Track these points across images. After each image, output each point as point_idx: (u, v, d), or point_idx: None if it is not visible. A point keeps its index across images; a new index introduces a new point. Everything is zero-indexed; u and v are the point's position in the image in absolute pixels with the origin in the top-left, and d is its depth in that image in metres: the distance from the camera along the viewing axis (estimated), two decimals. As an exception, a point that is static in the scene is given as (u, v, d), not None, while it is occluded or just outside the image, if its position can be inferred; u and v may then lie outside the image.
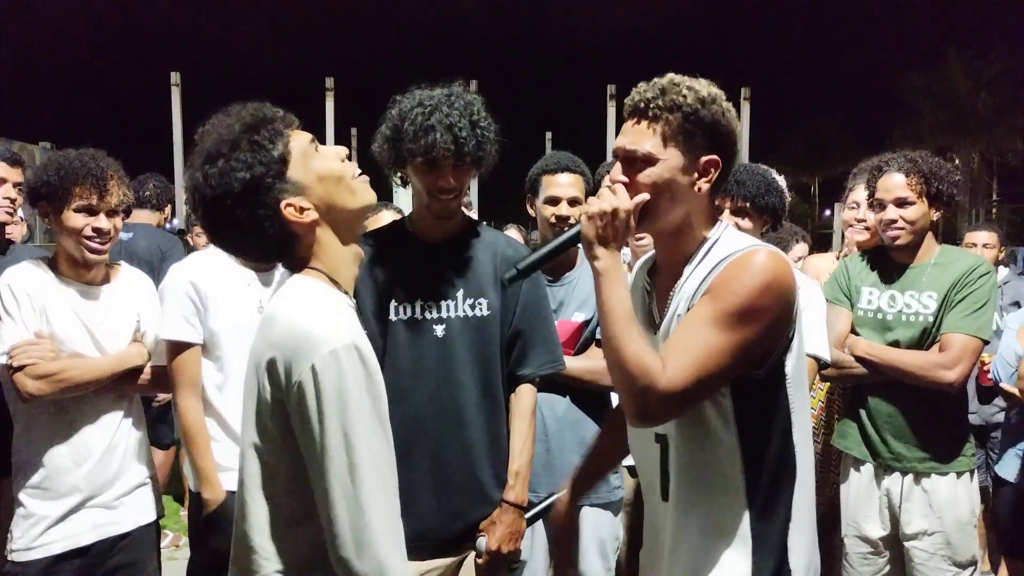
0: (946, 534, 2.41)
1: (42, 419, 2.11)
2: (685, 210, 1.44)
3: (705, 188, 1.44)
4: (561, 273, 2.56)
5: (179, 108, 7.51)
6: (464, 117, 1.85)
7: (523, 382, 2.03)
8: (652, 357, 1.32)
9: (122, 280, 2.30)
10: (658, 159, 1.40)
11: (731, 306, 1.32)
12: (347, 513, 1.20)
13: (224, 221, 1.31)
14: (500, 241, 2.06)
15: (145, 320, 2.28)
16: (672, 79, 1.44)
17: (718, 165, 1.43)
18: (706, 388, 1.34)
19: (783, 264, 1.37)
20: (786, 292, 1.36)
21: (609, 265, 1.40)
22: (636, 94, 1.45)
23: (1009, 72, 32.83)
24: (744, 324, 1.32)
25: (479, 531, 1.95)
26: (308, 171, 1.32)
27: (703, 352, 1.31)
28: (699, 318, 1.35)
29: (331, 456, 1.20)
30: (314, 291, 1.32)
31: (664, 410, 1.35)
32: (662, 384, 1.30)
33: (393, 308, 1.93)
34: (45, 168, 2.14)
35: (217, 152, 1.29)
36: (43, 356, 2.06)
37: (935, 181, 2.44)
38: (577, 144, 3.43)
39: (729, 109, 1.45)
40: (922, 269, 2.48)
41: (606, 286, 1.39)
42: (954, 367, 2.32)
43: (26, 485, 2.11)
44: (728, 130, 1.44)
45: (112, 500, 2.18)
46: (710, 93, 1.42)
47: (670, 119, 1.40)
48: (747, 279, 1.33)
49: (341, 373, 1.20)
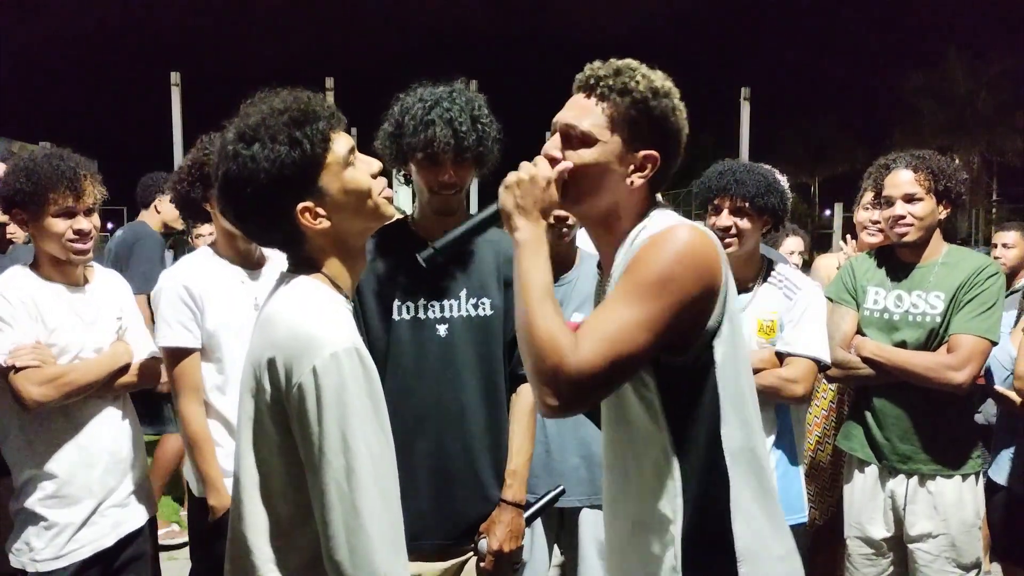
0: (951, 536, 2.40)
1: (46, 426, 2.09)
2: (613, 200, 1.37)
3: (638, 183, 1.36)
4: (560, 273, 2.55)
5: (179, 108, 7.49)
6: (465, 112, 1.85)
7: (524, 381, 2.02)
8: (565, 336, 1.24)
9: (99, 279, 2.28)
10: (596, 140, 1.34)
11: (642, 279, 1.25)
12: (342, 517, 1.19)
13: (237, 200, 1.29)
14: (504, 240, 2.04)
15: (126, 317, 2.29)
16: (628, 63, 1.37)
17: (656, 162, 1.36)
18: (619, 370, 1.24)
19: (704, 241, 1.28)
20: (704, 268, 1.26)
21: (529, 236, 1.32)
22: (588, 70, 1.38)
23: (1009, 72, 32.82)
24: (656, 297, 1.23)
25: (479, 533, 1.94)
26: (337, 181, 1.31)
27: (615, 328, 1.23)
28: (612, 296, 1.28)
29: (328, 459, 1.19)
30: (316, 293, 1.31)
31: (576, 395, 1.24)
32: (571, 362, 1.21)
33: (396, 307, 1.92)
34: (15, 175, 2.08)
35: (255, 135, 1.26)
36: (44, 359, 2.04)
37: (943, 179, 2.43)
38: (577, 144, 3.41)
39: (680, 108, 1.39)
40: (929, 269, 2.47)
41: (523, 258, 1.32)
42: (963, 368, 2.31)
43: (41, 496, 2.08)
44: (675, 128, 1.38)
45: (124, 498, 2.20)
46: (664, 86, 1.36)
47: (618, 102, 1.34)
48: (660, 252, 1.26)
49: (342, 376, 1.19)
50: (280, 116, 1.28)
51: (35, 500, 2.08)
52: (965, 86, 33.66)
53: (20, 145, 7.66)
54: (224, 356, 2.25)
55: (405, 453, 1.87)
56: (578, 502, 2.47)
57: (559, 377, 1.23)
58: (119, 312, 2.27)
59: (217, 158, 1.31)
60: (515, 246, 1.34)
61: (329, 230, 1.31)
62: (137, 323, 2.32)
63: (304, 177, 1.28)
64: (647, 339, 1.24)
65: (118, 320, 2.26)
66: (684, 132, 1.40)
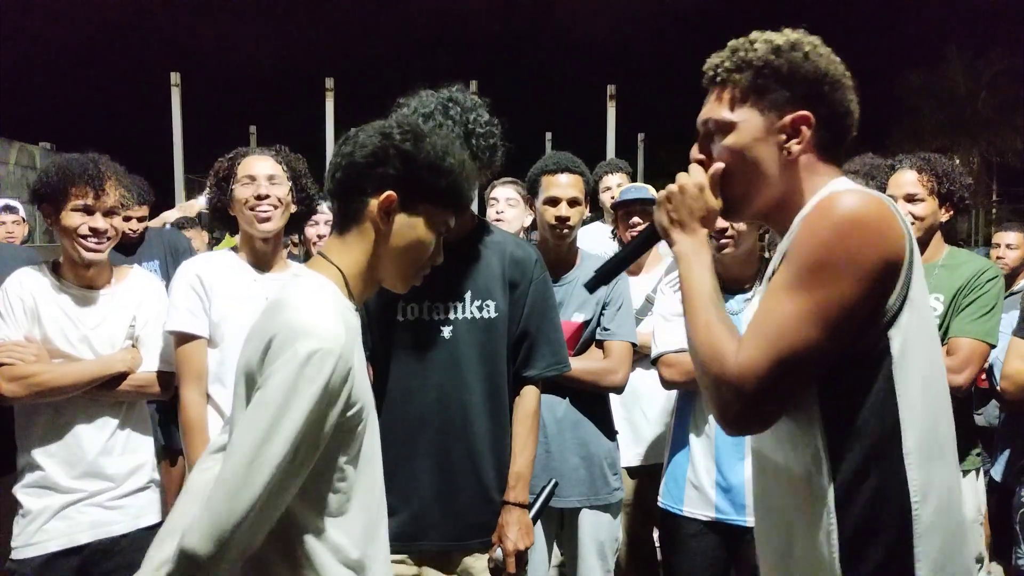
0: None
1: (39, 420, 2.13)
2: (778, 182, 1.21)
3: (798, 151, 1.19)
4: (560, 273, 2.55)
5: (179, 108, 7.50)
6: (459, 126, 1.83)
7: (528, 383, 2.02)
8: (727, 341, 1.12)
9: (127, 283, 2.28)
10: (733, 124, 1.21)
11: (801, 263, 1.08)
12: (227, 485, 1.17)
13: (385, 136, 1.38)
14: (509, 241, 2.04)
15: (141, 324, 2.26)
16: (748, 38, 1.24)
17: (809, 121, 1.19)
18: (787, 372, 1.07)
19: (875, 207, 1.08)
20: (874, 240, 1.06)
21: (688, 248, 1.24)
22: (707, 63, 1.26)
23: (1009, 72, 32.79)
24: (818, 283, 1.06)
25: (492, 546, 1.94)
26: (423, 223, 1.39)
27: (775, 325, 1.08)
28: (771, 290, 1.13)
29: (253, 426, 1.19)
30: (327, 291, 1.33)
31: (743, 405, 1.09)
32: (731, 369, 1.09)
33: (400, 308, 1.92)
34: (47, 170, 2.15)
35: (445, 143, 1.40)
36: (24, 358, 2.07)
37: (946, 181, 2.46)
38: (577, 144, 3.42)
39: (816, 52, 1.21)
40: (929, 270, 2.46)
41: (685, 270, 1.23)
42: (962, 371, 2.32)
43: (24, 484, 2.13)
44: (816, 75, 1.19)
45: (109, 500, 2.18)
46: (788, 40, 1.21)
47: (739, 79, 1.21)
48: (820, 227, 1.08)
49: (311, 372, 1.20)
50: (466, 162, 1.42)
51: (19, 487, 2.14)
52: (965, 86, 33.64)
53: (20, 145, 7.67)
54: (227, 349, 2.23)
55: (408, 454, 1.88)
56: (578, 502, 2.48)
57: (722, 387, 1.11)
58: (133, 319, 2.25)
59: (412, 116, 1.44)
60: (676, 259, 1.27)
61: (378, 238, 1.37)
62: (155, 333, 2.29)
63: (427, 188, 1.37)
64: (815, 333, 1.06)
65: (130, 327, 2.25)
66: (835, 76, 1.21)
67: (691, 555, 2.35)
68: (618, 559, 2.69)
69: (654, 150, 12.59)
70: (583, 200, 2.56)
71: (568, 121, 17.17)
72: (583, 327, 2.52)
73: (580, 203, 2.55)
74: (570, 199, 2.51)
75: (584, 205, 2.59)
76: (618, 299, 2.53)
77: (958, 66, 34.07)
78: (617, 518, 2.58)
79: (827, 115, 1.20)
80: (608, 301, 2.53)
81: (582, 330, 2.52)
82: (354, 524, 1.34)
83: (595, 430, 2.50)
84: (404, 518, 1.86)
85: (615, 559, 2.60)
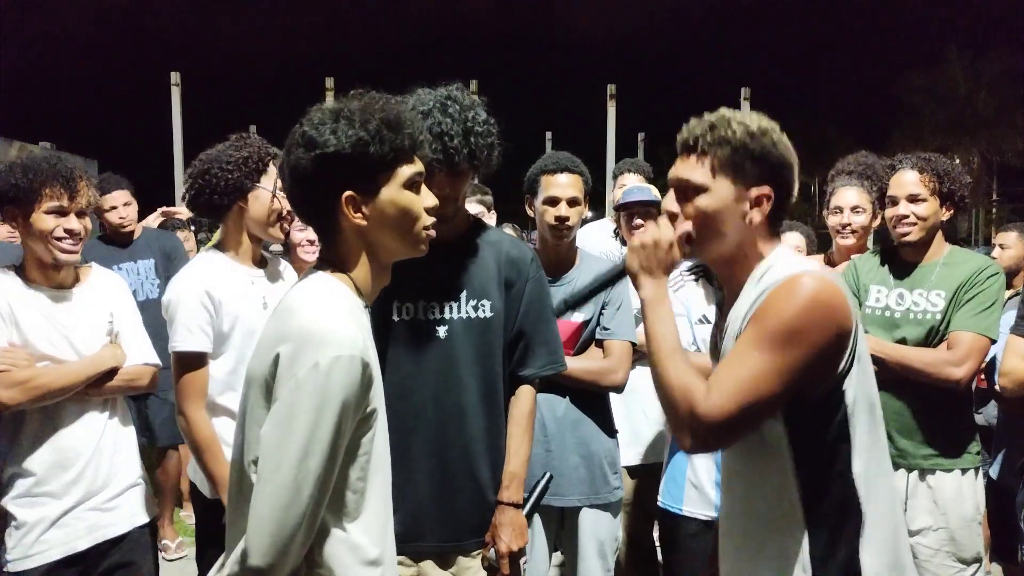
0: (950, 530, 2.42)
1: (28, 427, 2.09)
2: (737, 240, 1.45)
3: (757, 219, 1.44)
4: (560, 273, 2.55)
5: (179, 108, 7.49)
6: (457, 124, 1.81)
7: (524, 383, 2.02)
8: (695, 383, 1.35)
9: (92, 281, 2.26)
10: (707, 188, 1.43)
11: (772, 328, 1.32)
12: (279, 501, 1.20)
13: (298, 163, 1.32)
14: (504, 241, 2.04)
15: (118, 320, 2.25)
16: (723, 114, 1.45)
17: (770, 197, 1.43)
18: (752, 415, 1.34)
19: (829, 288, 1.35)
20: (832, 316, 1.33)
21: (653, 294, 1.46)
22: (686, 131, 1.47)
23: (1009, 72, 32.80)
24: (785, 347, 1.31)
25: (486, 545, 1.94)
26: (394, 193, 1.35)
27: (746, 377, 1.32)
28: (742, 343, 1.36)
29: (291, 443, 1.20)
30: (337, 292, 1.33)
31: (710, 438, 1.36)
32: (703, 409, 1.32)
33: (396, 308, 1.91)
34: (11, 171, 2.07)
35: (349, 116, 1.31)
36: (16, 363, 2.03)
37: (948, 181, 2.49)
38: (577, 144, 3.42)
39: (782, 142, 1.46)
40: (931, 268, 2.50)
41: (650, 313, 1.45)
42: (962, 365, 2.34)
43: (14, 495, 2.08)
44: (780, 161, 1.44)
45: (104, 503, 2.16)
46: (760, 126, 1.44)
47: (719, 153, 1.42)
48: (789, 302, 1.33)
49: (337, 382, 1.20)
50: (378, 112, 1.33)
51: (9, 498, 2.08)
52: (965, 86, 33.65)
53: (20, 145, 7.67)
54: (235, 356, 2.21)
55: (403, 454, 1.87)
56: (578, 502, 2.48)
57: (692, 424, 1.34)
58: (109, 316, 2.24)
59: (303, 122, 1.35)
60: (642, 303, 1.48)
61: (364, 232, 1.35)
62: (133, 327, 2.29)
63: (366, 168, 1.32)
64: (777, 387, 1.32)
65: (108, 323, 2.23)
66: (791, 162, 1.46)
67: (691, 554, 2.36)
68: (618, 558, 2.69)
69: (654, 150, 12.57)
70: (582, 200, 2.56)
71: (568, 120, 17.18)
72: (583, 327, 2.53)
73: (579, 203, 2.55)
74: (569, 199, 2.51)
75: (583, 205, 2.59)
76: (618, 299, 2.54)
77: (958, 66, 34.08)
78: (617, 517, 2.58)
79: (781, 194, 1.45)
80: (608, 301, 2.53)
81: (582, 330, 2.53)
82: (372, 522, 1.35)
83: (595, 429, 2.50)
84: (401, 517, 1.86)
85: (615, 558, 2.60)
